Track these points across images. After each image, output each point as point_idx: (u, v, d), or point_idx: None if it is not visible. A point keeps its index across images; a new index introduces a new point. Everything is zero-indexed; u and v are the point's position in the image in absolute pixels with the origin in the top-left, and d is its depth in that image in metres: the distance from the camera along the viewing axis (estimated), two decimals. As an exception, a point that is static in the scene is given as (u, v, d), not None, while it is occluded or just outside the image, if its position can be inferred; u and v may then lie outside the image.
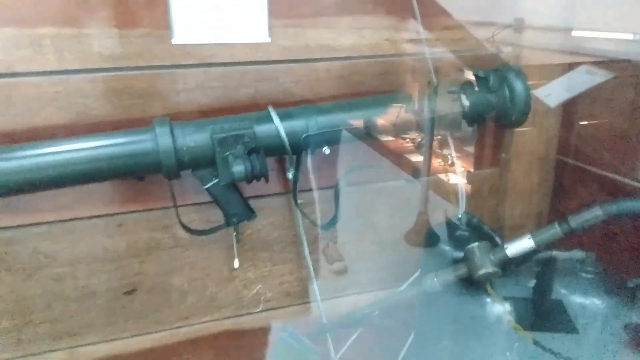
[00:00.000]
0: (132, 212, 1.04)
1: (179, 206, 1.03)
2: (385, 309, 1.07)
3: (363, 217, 1.19)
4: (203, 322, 1.15)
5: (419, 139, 1.16)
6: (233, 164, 0.88)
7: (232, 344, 1.18)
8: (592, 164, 1.14)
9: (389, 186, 1.18)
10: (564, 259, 0.91)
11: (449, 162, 1.19)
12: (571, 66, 1.16)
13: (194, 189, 1.03)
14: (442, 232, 1.05)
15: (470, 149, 1.23)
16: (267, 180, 0.91)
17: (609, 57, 1.13)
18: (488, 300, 0.93)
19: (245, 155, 0.90)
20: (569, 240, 0.98)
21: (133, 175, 0.93)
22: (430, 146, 1.10)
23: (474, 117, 1.01)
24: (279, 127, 0.95)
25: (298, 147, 0.98)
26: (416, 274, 1.07)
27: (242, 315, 1.17)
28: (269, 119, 0.95)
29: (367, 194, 1.17)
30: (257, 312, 1.18)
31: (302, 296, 1.19)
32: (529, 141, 1.20)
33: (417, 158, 1.18)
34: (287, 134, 0.95)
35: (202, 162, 0.93)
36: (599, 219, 0.83)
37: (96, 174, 0.88)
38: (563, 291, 0.90)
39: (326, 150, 1.01)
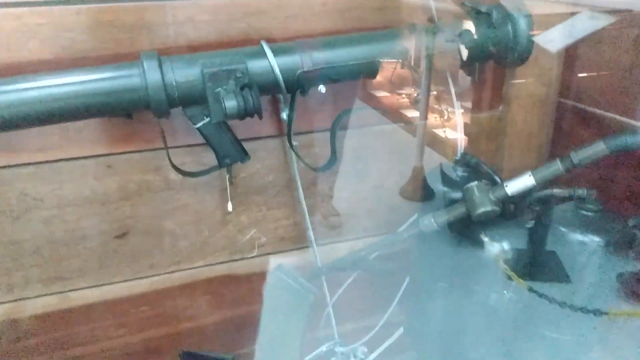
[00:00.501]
0: (121, 153, 1.01)
1: (171, 148, 1.00)
2: (382, 251, 1.05)
3: (360, 161, 1.16)
4: (197, 267, 1.14)
5: (416, 94, 1.12)
6: (225, 99, 0.85)
7: (227, 289, 1.17)
8: (594, 105, 1.11)
9: (387, 129, 1.15)
10: (564, 196, 0.89)
11: (445, 117, 1.16)
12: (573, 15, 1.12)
13: (186, 130, 1.00)
14: (441, 174, 1.03)
15: (469, 95, 1.19)
16: (260, 117, 0.88)
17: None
18: (485, 241, 0.92)
19: (237, 90, 0.86)
20: (568, 181, 0.97)
21: (121, 112, 0.90)
22: (429, 88, 1.06)
23: (474, 62, 0.97)
24: (272, 62, 0.91)
25: (292, 85, 0.94)
26: (414, 217, 1.05)
27: (236, 260, 1.16)
28: (262, 55, 0.91)
29: (365, 136, 1.14)
30: (252, 257, 1.16)
31: (297, 241, 1.18)
32: (530, 83, 1.17)
33: (413, 111, 1.15)
34: (281, 71, 0.91)
35: (192, 99, 0.89)
36: (602, 154, 0.80)
37: (82, 111, 0.85)
38: (562, 229, 0.88)
39: (322, 88, 0.97)
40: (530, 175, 0.85)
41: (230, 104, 0.85)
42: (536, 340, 0.95)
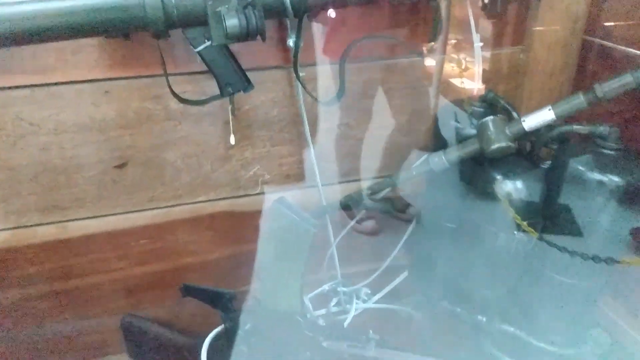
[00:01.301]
0: (119, 78, 0.96)
1: (171, 74, 0.95)
2: (389, 191, 1.01)
3: (371, 96, 1.11)
4: (198, 202, 1.11)
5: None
6: (226, 17, 0.79)
7: (230, 225, 1.14)
8: (622, 43, 1.04)
9: (402, 63, 1.09)
10: (584, 133, 0.83)
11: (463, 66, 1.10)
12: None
13: (187, 56, 0.95)
14: (454, 109, 0.97)
15: (490, 29, 1.12)
16: (263, 39, 0.82)
17: None
18: (496, 179, 0.87)
19: (240, 8, 0.80)
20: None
21: (117, 31, 0.84)
22: (448, 17, 0.99)
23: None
24: (278, -16, 0.84)
25: (299, 8, 0.88)
26: (424, 157, 1.01)
27: (239, 196, 1.13)
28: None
29: (378, 70, 1.08)
30: (255, 194, 1.13)
31: (302, 179, 1.14)
32: (555, 18, 1.09)
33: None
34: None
35: (192, 19, 0.84)
36: (629, 87, 0.74)
37: (75, 28, 0.80)
38: (580, 168, 0.83)
39: (331, 13, 0.91)
40: (550, 110, 0.80)
41: (232, 22, 0.79)
42: (545, 283, 0.92)
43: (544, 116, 0.80)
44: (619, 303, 1.12)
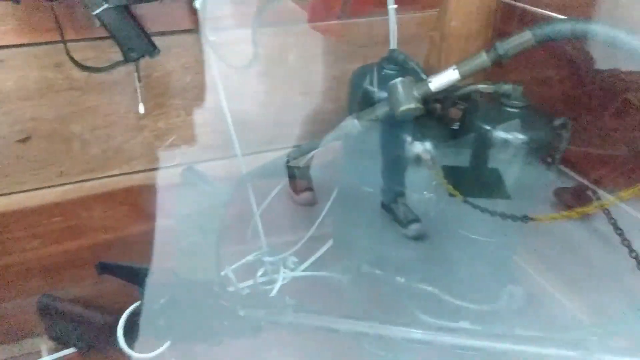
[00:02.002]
0: (14, 46, 0.90)
1: (70, 41, 0.90)
2: (308, 156, 1.00)
3: (290, 61, 1.08)
4: (112, 176, 1.07)
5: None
6: (117, -24, 0.75)
7: (146, 198, 1.10)
8: (535, 4, 1.05)
9: (318, 27, 1.06)
10: (489, 92, 0.84)
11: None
12: None
13: (88, 21, 0.89)
14: (367, 72, 0.96)
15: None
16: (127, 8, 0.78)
17: None
18: (409, 139, 0.87)
19: (132, -33, 0.76)
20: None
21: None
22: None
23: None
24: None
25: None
26: (343, 123, 0.99)
27: (155, 169, 1.09)
28: None
29: (292, 35, 1.05)
30: (172, 166, 1.09)
31: (221, 149, 1.10)
32: (470, -20, 1.09)
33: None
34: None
35: (85, -21, 0.79)
36: (529, 44, 0.75)
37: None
38: (486, 127, 0.84)
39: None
40: (454, 69, 0.80)
41: (124, -19, 0.75)
42: (460, 242, 0.94)
43: (449, 76, 0.80)
44: (535, 258, 1.17)
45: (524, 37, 0.75)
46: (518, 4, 1.10)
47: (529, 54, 1.01)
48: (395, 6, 1.03)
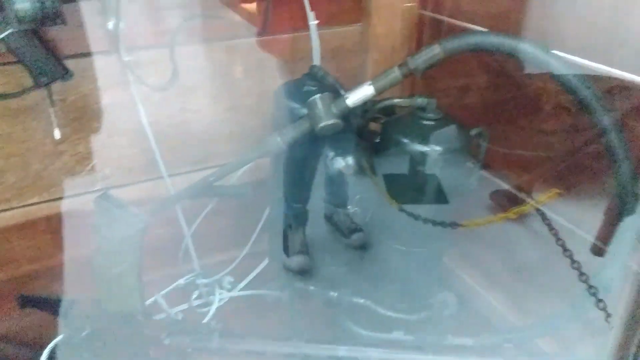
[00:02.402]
0: None
1: (-23, 67, 0.85)
2: (235, 175, 0.99)
3: (212, 79, 1.07)
4: (32, 204, 1.02)
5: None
6: (16, 0, 0.72)
7: (70, 225, 1.06)
8: (453, 16, 1.07)
9: (239, 44, 1.06)
10: (405, 105, 0.85)
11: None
12: None
13: (-4, 46, 0.85)
14: (290, 89, 0.96)
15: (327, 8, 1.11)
16: (64, 22, 0.75)
17: None
18: (331, 154, 0.87)
19: (31, -10, 0.73)
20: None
21: None
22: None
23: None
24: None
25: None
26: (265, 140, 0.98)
27: (78, 194, 1.05)
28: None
29: (213, 52, 1.04)
30: (96, 190, 1.05)
31: (147, 171, 1.08)
32: (389, -6, 1.11)
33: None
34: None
35: (-16, 3, 0.75)
36: (438, 58, 0.76)
37: None
38: (404, 140, 0.85)
39: (149, -7, 0.86)
40: (369, 85, 0.80)
41: (22, 5, 0.72)
42: (389, 254, 0.94)
43: (364, 92, 0.81)
44: (468, 263, 1.19)
45: (433, 51, 0.76)
46: (442, 17, 1.12)
47: (457, 62, 1.04)
48: (317, 22, 1.04)
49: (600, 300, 0.82)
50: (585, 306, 0.82)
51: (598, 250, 0.89)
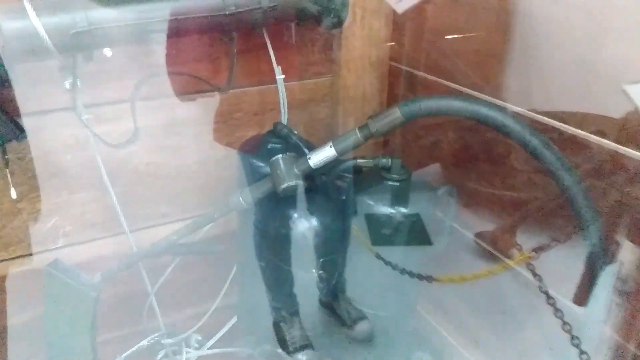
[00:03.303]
0: None
1: None
2: (198, 232, 0.95)
3: (177, 133, 1.05)
4: (-11, 263, 0.98)
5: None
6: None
7: (29, 285, 1.02)
8: (422, 69, 1.07)
9: (203, 98, 1.04)
10: (368, 166, 0.83)
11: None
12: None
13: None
14: (255, 146, 0.94)
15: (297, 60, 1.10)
16: (8, 84, 0.73)
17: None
18: (295, 215, 0.85)
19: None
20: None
21: None
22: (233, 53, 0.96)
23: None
24: (35, 22, 0.76)
25: (67, 46, 0.80)
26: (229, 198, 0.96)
27: (38, 253, 1.01)
28: (22, 12, 0.76)
29: (175, 107, 1.02)
30: (57, 248, 1.02)
31: (109, 227, 1.04)
32: (359, 47, 1.10)
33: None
34: (49, 31, 0.77)
35: None
36: (399, 122, 0.74)
37: None
38: (369, 202, 0.82)
39: (107, 51, 0.84)
40: (331, 146, 0.78)
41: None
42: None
43: (326, 153, 0.79)
44: (443, 316, 1.15)
45: (393, 115, 0.74)
46: (406, 68, 1.12)
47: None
48: (283, 76, 1.02)
49: (583, 353, 0.79)
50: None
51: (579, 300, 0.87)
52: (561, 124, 0.79)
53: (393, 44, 1.13)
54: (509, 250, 0.95)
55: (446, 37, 1.03)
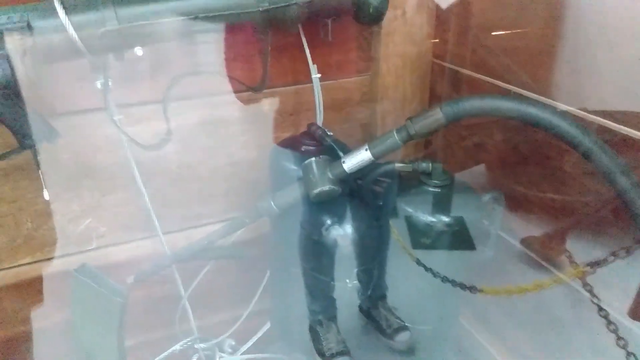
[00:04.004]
0: None
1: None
2: (232, 237, 0.93)
3: (211, 134, 1.02)
4: (23, 264, 0.98)
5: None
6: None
7: (64, 286, 1.02)
8: (466, 66, 1.00)
9: (235, 99, 1.01)
10: (407, 171, 0.78)
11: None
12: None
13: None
14: (287, 148, 0.90)
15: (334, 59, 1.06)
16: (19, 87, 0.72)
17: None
18: (329, 222, 0.81)
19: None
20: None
21: None
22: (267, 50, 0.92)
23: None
24: (64, 20, 0.74)
25: (97, 45, 0.78)
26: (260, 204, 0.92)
27: (72, 254, 1.01)
28: (52, 10, 0.75)
29: (207, 107, 0.99)
30: (91, 249, 1.01)
31: (143, 229, 1.03)
32: (400, 42, 1.04)
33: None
34: (79, 30, 0.75)
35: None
36: (440, 123, 0.69)
37: None
38: (408, 209, 0.77)
39: (138, 50, 0.82)
40: (366, 149, 0.73)
41: (-6, 72, 0.68)
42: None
43: (362, 157, 0.74)
44: (488, 332, 1.09)
45: (435, 116, 0.69)
46: (450, 65, 1.06)
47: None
48: (319, 75, 0.98)
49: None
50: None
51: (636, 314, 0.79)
52: (614, 123, 0.72)
53: (436, 40, 1.07)
54: (559, 257, 0.88)
55: (493, 33, 0.97)
